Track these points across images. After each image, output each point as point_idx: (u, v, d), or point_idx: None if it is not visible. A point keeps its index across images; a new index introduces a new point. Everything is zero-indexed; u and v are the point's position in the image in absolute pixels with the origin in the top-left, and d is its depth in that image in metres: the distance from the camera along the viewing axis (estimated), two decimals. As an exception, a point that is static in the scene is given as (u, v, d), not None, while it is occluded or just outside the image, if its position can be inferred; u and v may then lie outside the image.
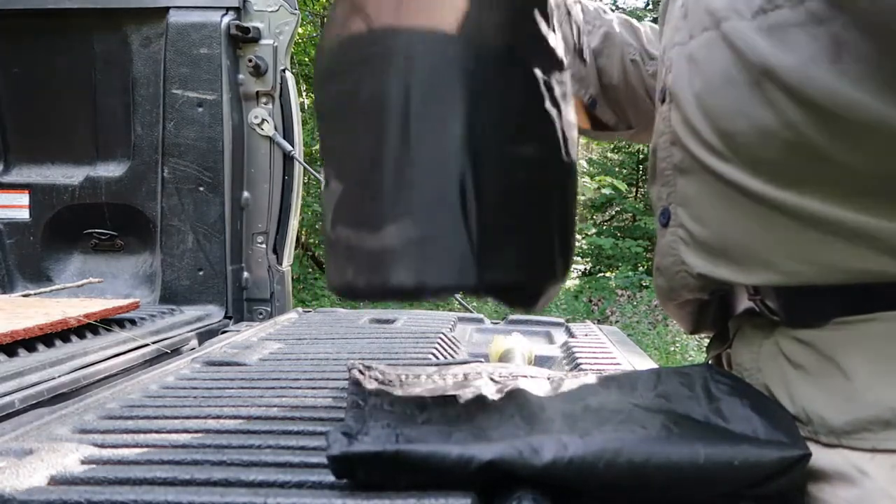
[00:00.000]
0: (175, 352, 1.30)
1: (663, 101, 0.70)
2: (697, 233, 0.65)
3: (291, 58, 1.87)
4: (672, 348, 4.92)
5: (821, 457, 0.57)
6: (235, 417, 0.69)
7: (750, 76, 0.58)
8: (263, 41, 1.71)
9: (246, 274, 1.77)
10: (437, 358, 1.06)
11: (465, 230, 0.59)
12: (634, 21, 0.96)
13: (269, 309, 1.78)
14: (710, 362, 0.78)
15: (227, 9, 1.67)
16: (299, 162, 1.79)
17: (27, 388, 0.94)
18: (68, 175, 1.78)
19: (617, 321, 5.99)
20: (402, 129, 0.61)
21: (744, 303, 0.69)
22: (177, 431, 0.65)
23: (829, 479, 0.57)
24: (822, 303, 0.58)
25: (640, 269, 7.70)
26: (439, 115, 0.61)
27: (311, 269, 6.39)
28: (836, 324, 0.58)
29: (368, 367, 0.76)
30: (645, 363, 1.08)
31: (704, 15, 0.62)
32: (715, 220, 0.63)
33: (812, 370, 0.59)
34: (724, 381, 0.64)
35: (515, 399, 0.67)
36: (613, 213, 9.22)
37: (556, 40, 0.67)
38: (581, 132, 0.97)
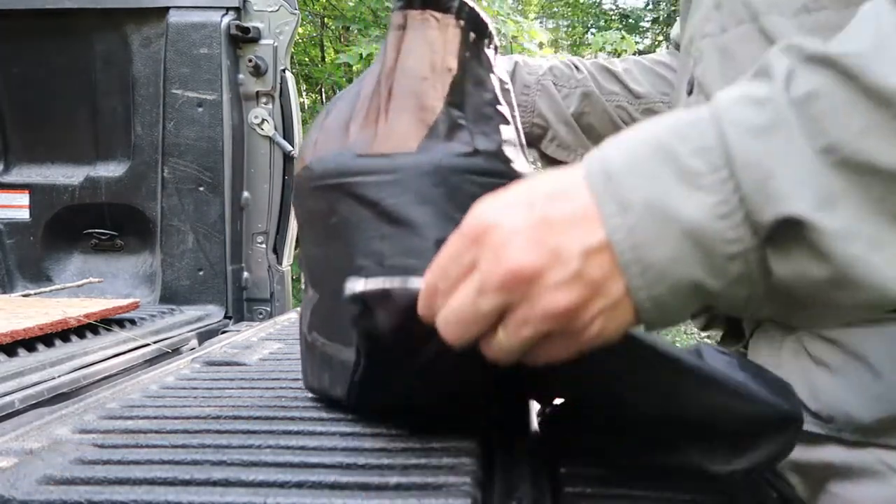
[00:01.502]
0: (175, 352, 1.30)
1: (690, 92, 0.70)
2: None
3: (291, 58, 1.87)
4: (672, 348, 4.92)
5: (846, 455, 0.57)
6: (235, 417, 0.69)
7: None
8: (263, 41, 1.71)
9: (246, 274, 1.77)
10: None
11: None
12: (611, 63, 0.96)
13: (269, 309, 1.78)
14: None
15: (227, 9, 1.67)
16: (299, 162, 1.79)
17: (27, 387, 0.94)
18: (68, 175, 1.78)
19: (617, 321, 5.98)
20: (377, 258, 0.63)
21: None
22: (177, 431, 0.65)
23: (856, 478, 0.56)
24: None
25: (640, 269, 7.70)
26: (417, 250, 0.62)
27: (311, 269, 6.38)
28: (863, 321, 0.57)
29: None
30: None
31: (741, 7, 0.61)
32: None
33: (838, 368, 0.58)
34: (721, 352, 0.62)
35: None
36: (613, 213, 9.21)
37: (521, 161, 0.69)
38: None
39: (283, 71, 1.74)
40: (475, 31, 0.67)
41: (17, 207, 1.78)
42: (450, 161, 0.63)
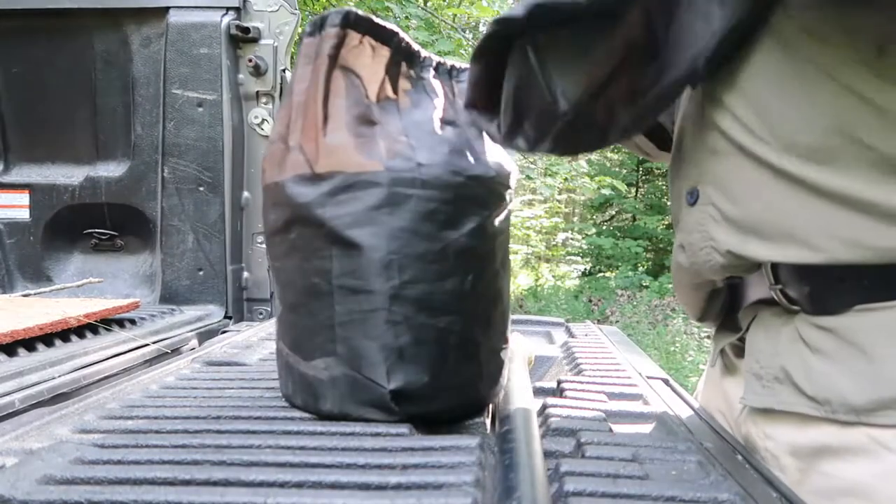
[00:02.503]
0: (175, 352, 1.30)
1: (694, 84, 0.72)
2: (729, 211, 0.66)
3: (291, 58, 1.87)
4: (672, 348, 4.92)
5: (840, 435, 0.60)
6: (235, 417, 0.69)
7: (794, 63, 0.60)
8: (263, 41, 1.71)
9: (246, 274, 1.77)
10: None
11: (384, 373, 0.64)
12: None
13: (269, 309, 1.78)
14: (719, 353, 0.82)
15: (227, 9, 1.67)
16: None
17: (27, 387, 0.94)
18: (68, 175, 1.78)
19: (617, 321, 5.99)
20: (326, 276, 0.66)
21: (755, 295, 0.70)
22: (177, 431, 0.65)
23: (849, 457, 0.59)
24: (845, 291, 0.61)
25: (640, 269, 7.71)
26: (363, 270, 0.65)
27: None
28: (858, 311, 0.60)
29: None
30: (645, 363, 1.08)
31: None
32: (748, 198, 0.64)
33: (833, 354, 0.61)
34: None
35: None
36: (613, 213, 9.23)
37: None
38: (645, 156, 0.97)
39: (284, 71, 1.73)
40: (407, 60, 0.71)
41: (17, 207, 1.78)
42: (391, 177, 0.64)
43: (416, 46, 0.72)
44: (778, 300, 0.66)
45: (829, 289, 0.62)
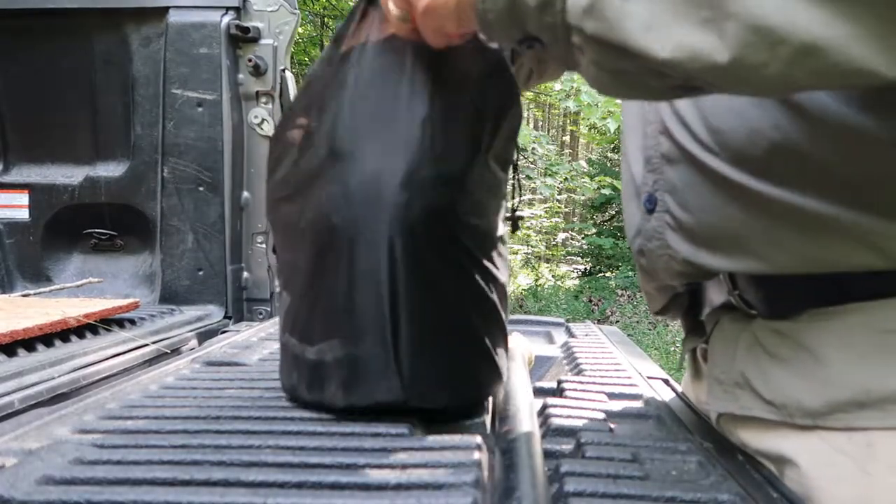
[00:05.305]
0: (175, 352, 1.30)
1: None
2: (684, 219, 0.68)
3: (291, 58, 1.87)
4: (672, 348, 4.92)
5: (797, 439, 0.61)
6: (235, 417, 0.69)
7: None
8: (263, 41, 1.71)
9: (246, 274, 1.77)
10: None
11: (392, 354, 0.64)
12: None
13: (269, 309, 1.78)
14: (687, 356, 0.84)
15: (227, 8, 1.67)
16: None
17: (27, 388, 0.94)
18: (68, 175, 1.78)
19: (617, 321, 5.98)
20: (337, 254, 0.66)
21: (717, 300, 0.72)
22: (177, 431, 0.65)
23: (807, 460, 0.60)
24: (798, 296, 0.62)
25: (640, 269, 7.70)
26: (373, 247, 0.64)
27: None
28: (811, 315, 0.61)
29: None
30: (645, 363, 1.08)
31: None
32: (700, 208, 0.66)
33: (788, 359, 0.62)
34: None
35: None
36: (613, 212, 9.23)
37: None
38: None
39: (283, 71, 1.73)
40: None
41: (16, 207, 1.78)
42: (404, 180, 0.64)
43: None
44: (737, 305, 0.67)
45: (783, 294, 0.63)
